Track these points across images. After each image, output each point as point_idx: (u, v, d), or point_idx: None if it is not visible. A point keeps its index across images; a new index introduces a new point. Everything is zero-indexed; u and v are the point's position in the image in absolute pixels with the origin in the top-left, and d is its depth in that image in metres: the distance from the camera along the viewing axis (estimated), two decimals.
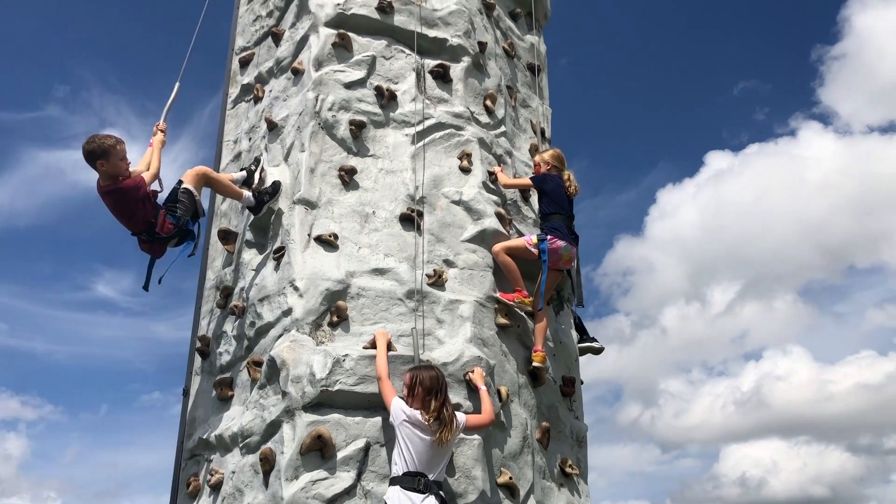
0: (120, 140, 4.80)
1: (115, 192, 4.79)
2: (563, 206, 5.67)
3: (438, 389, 4.27)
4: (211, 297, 5.97)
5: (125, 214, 4.87)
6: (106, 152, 4.71)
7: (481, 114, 6.17)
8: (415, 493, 4.06)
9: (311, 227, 5.23)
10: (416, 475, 4.10)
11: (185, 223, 5.01)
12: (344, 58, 5.88)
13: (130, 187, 4.80)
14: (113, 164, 4.75)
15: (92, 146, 4.72)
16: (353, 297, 4.99)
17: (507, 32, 7.04)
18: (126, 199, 4.82)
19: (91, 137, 4.75)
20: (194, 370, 5.82)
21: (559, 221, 5.59)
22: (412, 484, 4.08)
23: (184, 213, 4.98)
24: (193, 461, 5.37)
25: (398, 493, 4.07)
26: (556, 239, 5.46)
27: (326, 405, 4.51)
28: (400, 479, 4.12)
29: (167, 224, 4.93)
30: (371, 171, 5.57)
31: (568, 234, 5.57)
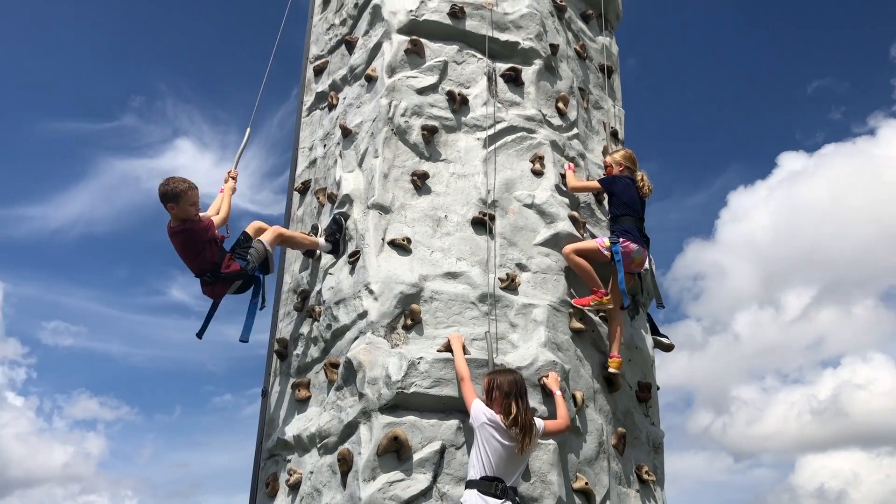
0: (193, 186, 4.90)
1: (183, 232, 4.91)
2: (633, 208, 5.57)
3: (517, 393, 4.24)
4: (289, 300, 6.12)
5: (191, 255, 4.97)
6: (177, 196, 4.82)
7: (553, 116, 6.14)
8: (491, 497, 4.05)
9: (384, 231, 5.30)
10: (493, 480, 4.09)
11: (252, 269, 5.11)
12: (416, 64, 5.94)
13: (199, 229, 4.93)
14: (183, 209, 4.87)
15: (166, 188, 4.85)
16: (427, 301, 5.03)
17: (578, 34, 6.98)
18: (193, 240, 4.93)
19: (167, 180, 4.87)
20: (273, 371, 5.97)
21: (630, 223, 5.49)
22: (489, 489, 4.07)
23: (253, 260, 5.12)
24: (272, 461, 5.50)
25: (475, 496, 4.07)
26: (629, 242, 5.38)
27: (402, 407, 4.56)
28: (477, 482, 4.11)
29: (233, 265, 5.03)
30: (443, 175, 5.61)
31: (639, 237, 5.47)
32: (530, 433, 4.18)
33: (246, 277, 5.13)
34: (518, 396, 4.24)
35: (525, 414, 4.20)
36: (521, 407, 4.20)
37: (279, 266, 6.31)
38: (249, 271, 5.11)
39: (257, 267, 5.16)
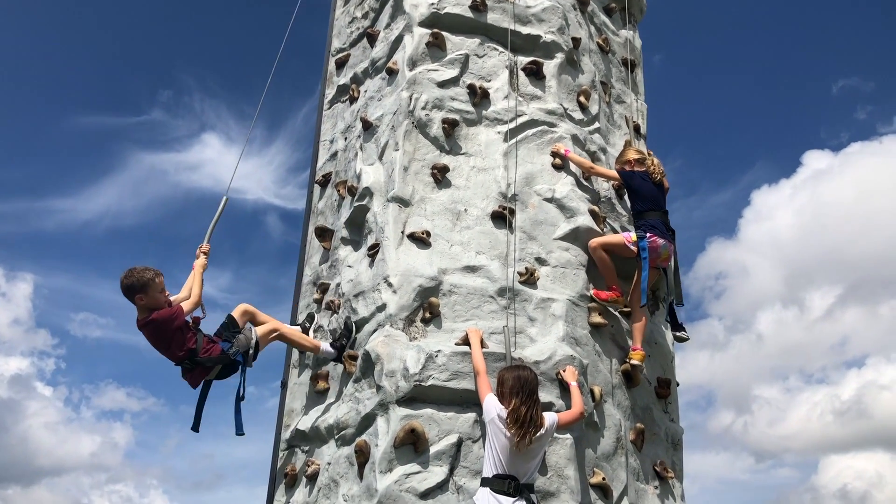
0: (158, 273, 4.65)
1: (151, 323, 4.63)
2: (656, 202, 5.52)
3: (521, 390, 4.16)
4: (308, 293, 6.15)
5: (164, 345, 4.69)
6: (145, 286, 4.57)
7: (575, 110, 6.10)
8: (504, 496, 4.02)
9: (404, 224, 5.30)
10: (505, 478, 4.06)
11: (234, 353, 4.83)
12: (437, 57, 5.94)
13: (165, 318, 4.64)
14: (152, 297, 4.61)
15: (131, 280, 4.58)
16: (446, 294, 5.03)
17: (601, 28, 6.93)
18: (162, 331, 4.66)
19: (129, 272, 4.60)
20: (292, 363, 6.00)
21: (656, 218, 5.44)
22: (502, 487, 4.04)
23: (238, 345, 4.85)
24: (290, 452, 5.54)
25: (487, 495, 4.05)
26: (656, 237, 5.32)
27: (419, 400, 4.57)
28: (490, 480, 4.10)
29: (215, 348, 4.77)
30: (463, 168, 5.60)
31: (665, 231, 5.42)
32: (530, 431, 4.08)
33: (227, 362, 4.81)
34: (522, 393, 4.15)
35: (526, 411, 4.10)
36: (521, 403, 4.12)
37: (299, 258, 6.35)
38: (231, 356, 4.81)
39: (240, 352, 4.85)
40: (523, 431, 4.07)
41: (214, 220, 5.55)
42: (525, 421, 4.09)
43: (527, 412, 4.11)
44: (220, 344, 4.80)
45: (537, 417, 4.17)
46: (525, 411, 4.11)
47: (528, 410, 4.12)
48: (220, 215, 5.60)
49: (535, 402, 4.20)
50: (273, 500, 5.49)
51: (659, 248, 5.33)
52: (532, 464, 4.16)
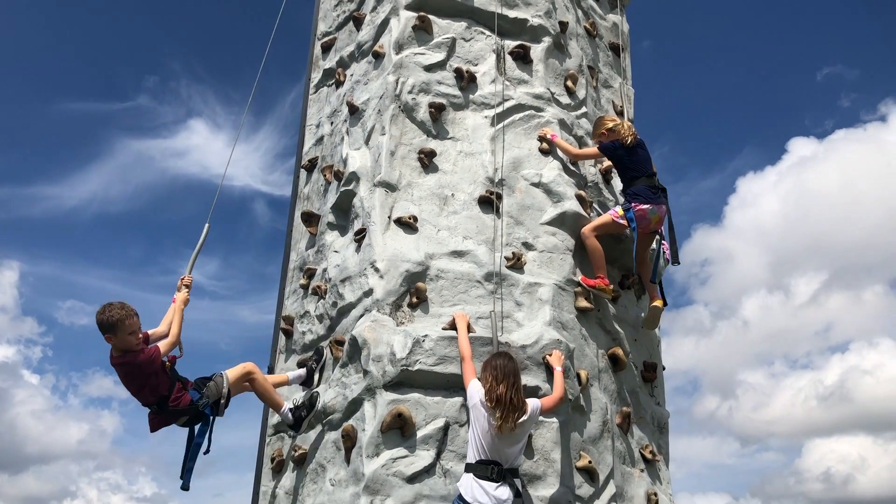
0: (130, 314, 4.33)
1: (124, 364, 4.38)
2: (639, 168, 5.47)
3: (502, 376, 4.16)
4: (295, 278, 6.13)
5: (134, 387, 4.44)
6: (113, 326, 4.28)
7: (562, 95, 6.08)
8: (488, 481, 4.03)
9: (391, 209, 5.28)
10: (489, 464, 4.08)
11: (204, 405, 4.56)
12: (424, 40, 5.89)
13: (140, 362, 4.36)
14: (121, 339, 4.32)
15: (101, 317, 4.31)
16: (433, 279, 5.02)
17: (588, 12, 6.90)
18: (136, 373, 4.40)
19: (103, 308, 4.33)
20: (279, 349, 5.99)
21: (640, 185, 5.40)
22: (485, 473, 4.05)
23: (208, 395, 4.58)
24: (277, 437, 5.54)
25: (471, 481, 4.06)
26: (640, 205, 5.31)
27: (406, 384, 4.57)
28: (473, 466, 4.11)
29: (185, 397, 4.51)
30: (450, 153, 5.58)
31: (652, 195, 5.37)
32: (511, 416, 4.08)
33: (195, 413, 4.57)
34: (503, 378, 4.16)
35: (506, 395, 4.10)
36: (499, 387, 4.12)
37: (285, 243, 6.32)
38: (200, 407, 4.55)
39: (209, 404, 4.59)
40: (504, 416, 4.07)
41: (196, 250, 5.25)
42: (505, 406, 4.09)
43: (507, 397, 4.11)
44: (189, 393, 4.52)
45: (519, 403, 4.15)
46: (505, 396, 4.11)
47: (507, 395, 4.11)
48: (202, 244, 5.31)
49: (516, 388, 4.18)
50: (260, 485, 5.49)
51: (647, 214, 5.33)
52: (515, 449, 4.16)
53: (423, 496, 4.34)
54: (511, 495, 4.04)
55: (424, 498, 4.34)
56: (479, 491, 4.01)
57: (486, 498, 3.99)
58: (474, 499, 3.99)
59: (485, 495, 3.99)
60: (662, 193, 5.45)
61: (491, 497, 3.99)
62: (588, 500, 4.69)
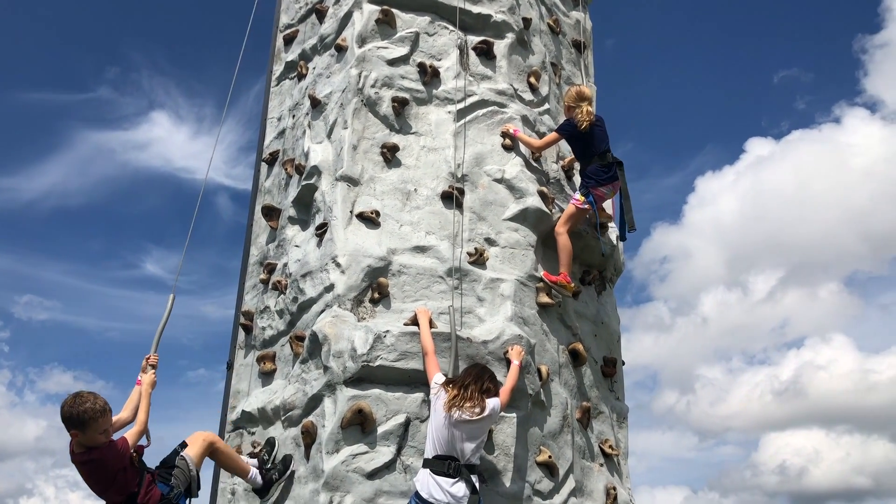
0: (106, 409, 3.84)
1: (89, 462, 3.88)
2: (591, 147, 5.54)
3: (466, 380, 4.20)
4: (255, 273, 6.05)
5: (101, 486, 3.98)
6: (84, 424, 3.78)
7: (525, 91, 6.10)
8: (444, 477, 4.02)
9: (353, 203, 5.24)
10: (445, 459, 4.06)
11: (177, 496, 4.14)
12: (387, 34, 5.86)
13: (108, 459, 3.89)
14: (90, 437, 3.83)
15: (70, 412, 3.79)
16: (395, 275, 5.00)
17: (552, 8, 6.92)
18: (103, 471, 3.93)
19: (73, 400, 3.81)
20: (238, 344, 5.92)
21: (594, 165, 5.52)
22: (441, 468, 4.04)
23: (177, 484, 4.16)
24: (236, 433, 5.47)
25: (427, 477, 4.04)
26: (597, 187, 5.47)
27: (367, 380, 4.54)
28: (430, 461, 4.10)
29: (154, 492, 4.04)
30: (413, 148, 5.56)
31: (604, 174, 5.49)
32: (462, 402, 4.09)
33: None
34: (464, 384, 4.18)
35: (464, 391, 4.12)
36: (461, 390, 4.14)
37: (245, 237, 6.24)
38: (173, 499, 4.11)
39: (182, 493, 4.18)
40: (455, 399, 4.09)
41: (162, 325, 4.86)
42: (460, 391, 4.11)
43: (464, 391, 4.13)
44: (157, 486, 4.09)
45: (475, 399, 4.13)
46: (463, 391, 4.13)
47: (466, 391, 4.13)
48: (167, 318, 4.92)
49: (478, 386, 4.18)
50: (219, 482, 5.42)
51: (605, 195, 5.57)
52: (472, 445, 4.13)
53: (384, 492, 4.33)
54: (467, 492, 4.01)
55: (384, 494, 4.32)
56: (434, 487, 3.99)
57: (441, 494, 3.97)
58: (430, 495, 3.98)
59: (440, 492, 3.97)
60: (618, 167, 5.59)
61: (446, 493, 3.97)
62: (547, 494, 4.72)
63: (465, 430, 4.10)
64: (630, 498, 5.47)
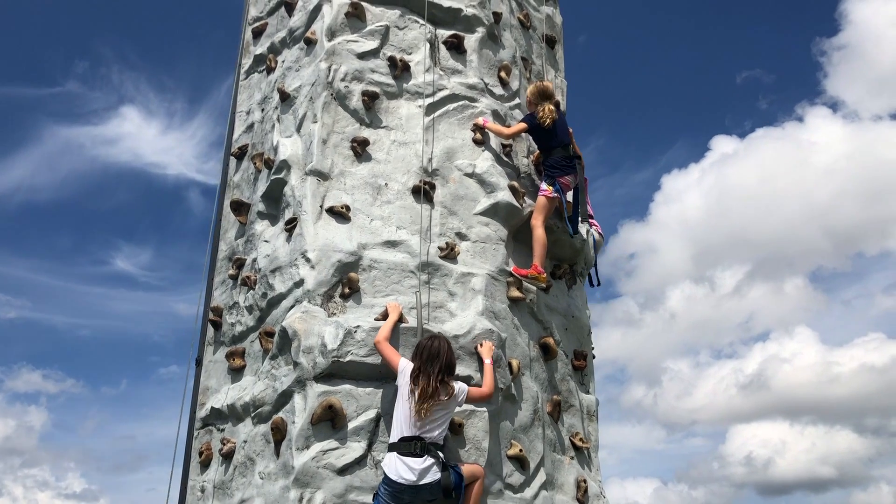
0: None
1: None
2: (554, 140, 5.69)
3: (421, 356, 4.25)
4: (224, 268, 5.99)
5: None
6: None
7: (495, 85, 6.09)
8: (411, 457, 4.06)
9: (323, 198, 5.20)
10: (411, 439, 4.10)
11: None
12: (357, 28, 5.82)
13: None
14: None
15: None
16: (365, 269, 4.98)
17: (522, 3, 6.93)
18: None
19: None
20: (207, 340, 5.85)
21: (556, 156, 5.68)
22: (408, 449, 4.08)
23: None
24: (206, 430, 5.42)
25: (394, 459, 4.08)
26: (562, 175, 5.61)
27: (338, 376, 4.52)
28: (396, 445, 4.13)
29: None
30: (384, 142, 5.53)
31: (567, 164, 5.66)
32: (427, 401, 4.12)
33: None
34: (422, 359, 4.24)
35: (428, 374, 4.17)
36: (423, 375, 4.18)
37: (213, 232, 6.17)
38: None
39: None
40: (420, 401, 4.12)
41: None
42: (422, 391, 4.13)
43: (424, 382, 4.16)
44: None
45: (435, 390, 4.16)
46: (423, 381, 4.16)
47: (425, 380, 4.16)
48: None
49: (436, 372, 4.20)
50: (188, 479, 5.36)
51: (570, 183, 5.68)
52: (437, 425, 4.18)
53: (354, 488, 4.31)
54: (436, 467, 4.06)
55: (355, 490, 4.31)
56: (402, 468, 4.04)
57: (409, 474, 4.01)
58: (399, 476, 4.02)
59: (409, 471, 4.02)
60: (578, 161, 5.75)
61: (415, 472, 4.02)
62: (518, 488, 4.74)
63: (432, 412, 4.14)
64: (600, 490, 5.51)
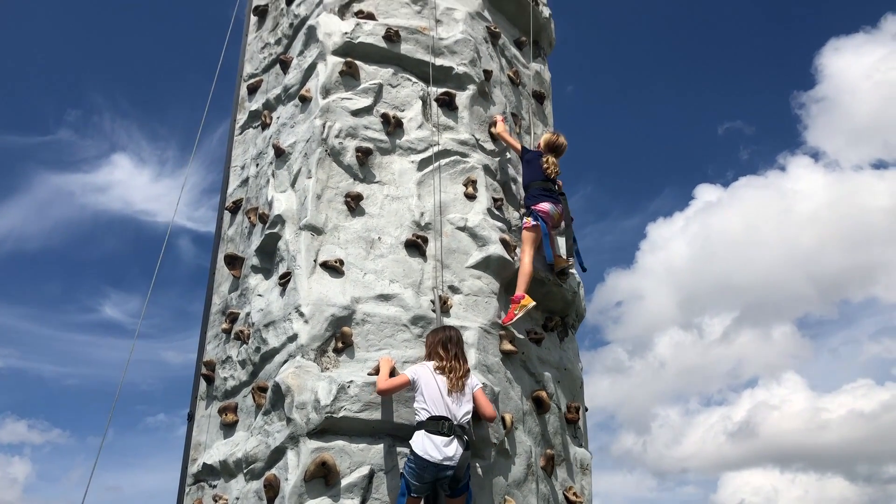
0: None
1: None
2: (538, 174, 5.94)
3: (444, 343, 4.57)
4: (217, 322, 6.00)
5: None
6: None
7: (486, 141, 6.22)
8: (439, 436, 4.18)
9: (317, 252, 5.26)
10: (439, 419, 4.24)
11: None
12: (351, 85, 5.95)
13: None
14: None
15: None
16: (359, 324, 5.01)
17: (512, 60, 7.11)
18: None
19: None
20: (199, 395, 5.83)
21: (536, 188, 5.88)
22: (436, 427, 4.22)
23: None
24: (197, 487, 5.36)
25: (422, 437, 4.21)
26: (538, 203, 5.76)
27: (331, 432, 4.51)
28: (424, 423, 4.27)
29: None
30: (377, 197, 5.62)
31: (545, 194, 5.83)
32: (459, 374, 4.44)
33: None
34: (445, 345, 4.55)
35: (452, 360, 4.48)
36: (449, 353, 4.51)
37: (207, 285, 6.20)
38: None
39: None
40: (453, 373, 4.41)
41: None
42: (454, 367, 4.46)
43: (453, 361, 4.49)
44: None
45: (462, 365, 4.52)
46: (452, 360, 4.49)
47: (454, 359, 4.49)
48: None
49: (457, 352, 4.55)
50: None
51: (549, 212, 5.76)
52: (464, 408, 4.35)
53: None
54: (460, 452, 4.19)
55: None
56: (429, 445, 4.17)
57: (436, 452, 4.15)
58: (425, 452, 4.16)
59: (435, 450, 4.15)
60: (564, 198, 5.95)
61: (441, 452, 4.14)
62: None
63: (457, 396, 4.36)
64: None
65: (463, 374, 4.47)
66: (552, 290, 5.90)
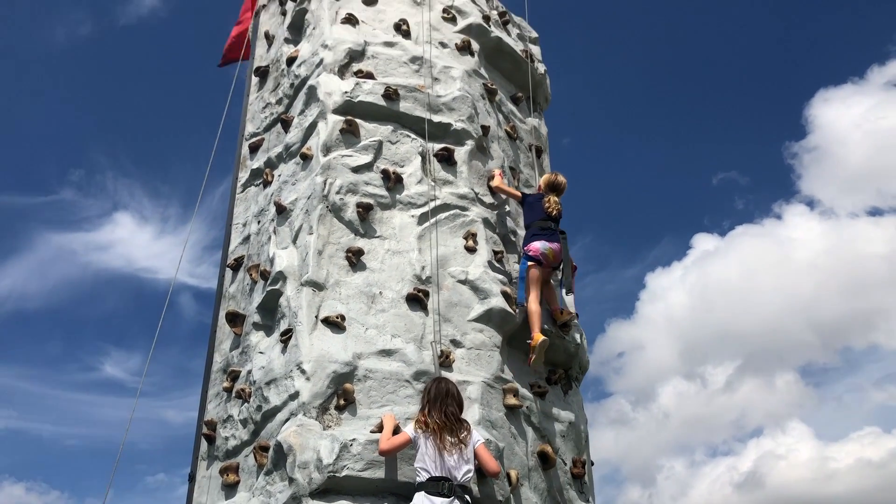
0: None
1: None
2: (537, 214, 6.02)
3: (432, 398, 4.48)
4: (218, 381, 5.96)
5: None
6: None
7: (485, 194, 6.28)
8: (438, 497, 4.12)
9: (318, 308, 5.26)
10: (439, 479, 4.18)
11: None
12: (351, 143, 6.04)
13: None
14: None
15: None
16: (361, 380, 4.97)
17: (508, 116, 7.23)
18: None
19: None
20: (200, 455, 5.75)
21: (532, 228, 5.99)
22: (436, 488, 4.15)
23: None
24: None
25: (422, 498, 4.13)
26: (530, 243, 5.85)
27: (334, 491, 4.44)
28: (423, 484, 4.19)
29: None
30: (378, 252, 5.64)
31: (541, 233, 5.90)
32: (449, 432, 4.33)
33: None
34: (432, 401, 4.47)
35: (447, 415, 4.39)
36: (435, 410, 4.40)
37: (209, 343, 6.18)
38: None
39: None
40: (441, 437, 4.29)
41: None
42: (447, 423, 4.34)
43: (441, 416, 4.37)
44: None
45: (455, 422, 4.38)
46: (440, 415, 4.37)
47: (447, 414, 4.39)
48: None
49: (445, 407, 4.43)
50: None
51: (541, 249, 5.81)
52: (462, 465, 4.27)
53: None
54: None
55: None
56: None
57: None
58: None
59: None
60: (563, 235, 5.99)
61: None
62: None
63: (456, 454, 4.27)
64: None
65: (461, 429, 4.40)
66: (555, 342, 5.88)
